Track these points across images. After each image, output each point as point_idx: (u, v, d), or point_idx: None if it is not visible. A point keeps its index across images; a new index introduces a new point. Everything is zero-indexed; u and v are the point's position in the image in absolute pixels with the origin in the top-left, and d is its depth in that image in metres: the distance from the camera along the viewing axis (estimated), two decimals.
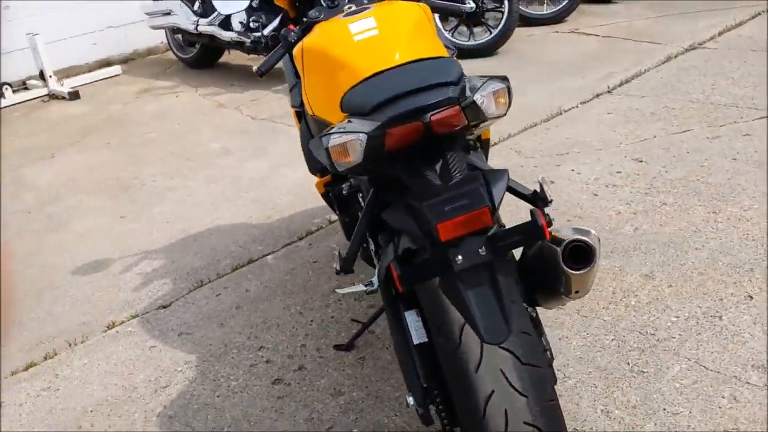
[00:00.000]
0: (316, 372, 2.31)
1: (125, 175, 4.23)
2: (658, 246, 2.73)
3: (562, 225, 1.83)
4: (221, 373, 2.37)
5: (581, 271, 1.51)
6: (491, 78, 1.50)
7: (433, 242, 1.38)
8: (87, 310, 2.89)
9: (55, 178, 4.37)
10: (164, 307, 2.82)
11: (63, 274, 3.19)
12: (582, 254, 1.51)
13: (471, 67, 5.29)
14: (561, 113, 4.20)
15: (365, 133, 1.46)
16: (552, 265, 1.51)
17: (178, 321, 2.71)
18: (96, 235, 3.54)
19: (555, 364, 2.18)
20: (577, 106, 4.27)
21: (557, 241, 1.53)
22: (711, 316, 2.31)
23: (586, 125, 3.97)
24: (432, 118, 1.40)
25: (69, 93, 5.97)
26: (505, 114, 1.52)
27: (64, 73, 6.41)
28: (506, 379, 1.39)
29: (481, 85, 1.47)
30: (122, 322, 2.75)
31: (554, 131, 3.96)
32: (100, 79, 6.45)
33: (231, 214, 3.56)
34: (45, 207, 3.97)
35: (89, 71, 6.60)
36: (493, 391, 1.38)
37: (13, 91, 6.11)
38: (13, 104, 6.02)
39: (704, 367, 2.10)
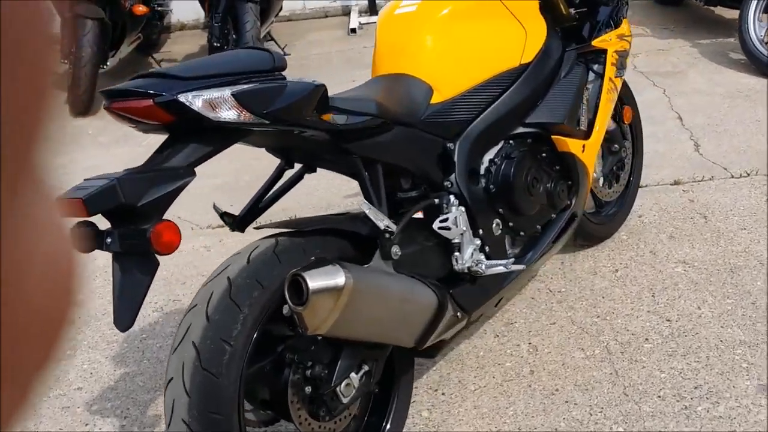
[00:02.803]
0: None
1: None
2: None
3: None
4: None
5: (297, 308, 1.37)
6: (231, 85, 1.36)
7: None
8: None
9: None
10: None
11: None
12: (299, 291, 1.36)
13: None
14: None
15: None
16: None
17: None
18: None
19: None
20: None
21: None
22: None
23: None
24: (112, 104, 1.37)
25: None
26: (245, 121, 1.37)
27: None
28: (183, 372, 1.41)
29: (204, 88, 1.34)
30: None
31: None
32: None
33: None
34: None
35: None
36: (172, 378, 1.42)
37: None
38: None
39: None
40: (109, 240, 1.34)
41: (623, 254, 2.60)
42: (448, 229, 1.76)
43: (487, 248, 1.87)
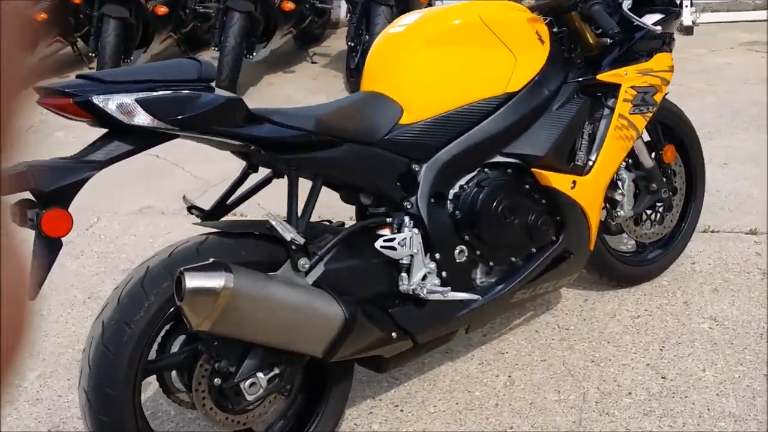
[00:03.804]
0: None
1: None
2: None
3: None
4: None
5: (178, 302, 1.48)
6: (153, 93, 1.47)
7: None
8: None
9: None
10: None
11: None
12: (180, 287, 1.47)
13: None
14: None
15: None
16: None
17: None
18: None
19: None
20: None
21: None
22: None
23: None
24: (42, 100, 1.47)
25: (684, 26, 5.86)
26: (157, 126, 1.48)
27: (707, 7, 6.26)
28: (90, 346, 1.58)
29: (116, 92, 1.45)
30: None
31: None
32: (740, 21, 6.08)
33: None
34: None
35: (732, 10, 6.25)
36: (84, 349, 1.61)
37: None
38: None
39: None
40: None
41: (653, 300, 2.45)
42: (393, 249, 1.78)
43: (444, 273, 1.87)
